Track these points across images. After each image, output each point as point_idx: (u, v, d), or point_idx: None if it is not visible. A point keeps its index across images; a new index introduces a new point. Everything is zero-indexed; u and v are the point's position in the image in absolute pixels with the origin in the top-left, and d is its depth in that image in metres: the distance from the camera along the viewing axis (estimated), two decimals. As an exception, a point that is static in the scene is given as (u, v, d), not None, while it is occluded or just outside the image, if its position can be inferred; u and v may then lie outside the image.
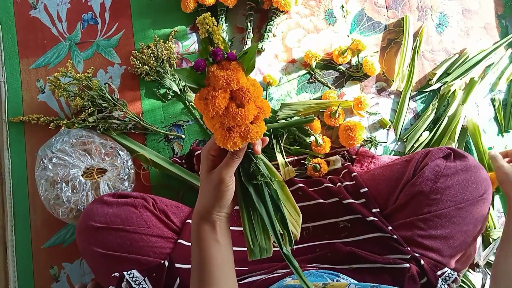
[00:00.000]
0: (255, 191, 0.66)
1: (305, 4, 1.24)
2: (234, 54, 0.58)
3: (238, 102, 0.60)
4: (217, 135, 0.61)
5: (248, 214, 0.67)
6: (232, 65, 0.58)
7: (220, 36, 0.57)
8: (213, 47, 0.58)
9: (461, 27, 1.24)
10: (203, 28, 0.56)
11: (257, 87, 0.61)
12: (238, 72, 0.58)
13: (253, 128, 0.60)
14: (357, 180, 0.99)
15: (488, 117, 1.19)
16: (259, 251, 0.66)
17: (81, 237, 0.88)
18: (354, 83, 1.20)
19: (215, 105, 0.57)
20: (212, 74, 0.57)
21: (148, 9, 1.23)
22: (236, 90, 0.58)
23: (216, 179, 0.63)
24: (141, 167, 1.13)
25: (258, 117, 0.62)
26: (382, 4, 1.24)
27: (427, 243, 0.84)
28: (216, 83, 0.57)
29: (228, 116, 0.59)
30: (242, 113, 0.59)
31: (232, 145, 0.59)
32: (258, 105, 0.61)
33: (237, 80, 0.57)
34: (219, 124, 0.60)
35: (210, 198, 0.65)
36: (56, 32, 1.23)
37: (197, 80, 0.60)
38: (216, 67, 0.58)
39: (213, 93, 0.57)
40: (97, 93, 1.11)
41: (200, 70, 0.58)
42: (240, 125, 0.59)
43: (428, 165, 0.88)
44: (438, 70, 1.18)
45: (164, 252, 0.87)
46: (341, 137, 1.12)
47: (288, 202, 0.71)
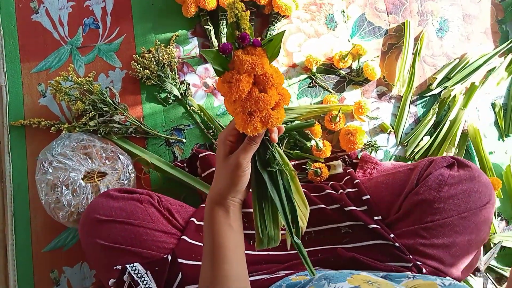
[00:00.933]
0: (269, 178, 0.67)
1: (306, 9, 1.24)
2: (259, 40, 0.59)
3: (261, 88, 0.60)
4: (237, 119, 0.61)
5: (259, 203, 0.68)
6: (258, 51, 0.59)
7: (247, 22, 0.58)
8: (240, 32, 0.58)
9: (461, 32, 1.24)
10: (232, 12, 0.57)
11: (279, 74, 0.62)
12: (263, 58, 0.59)
13: (274, 114, 0.61)
14: (360, 187, 0.99)
15: (489, 122, 1.19)
16: (267, 240, 0.68)
17: (84, 229, 0.88)
18: (354, 87, 1.20)
19: (239, 88, 0.58)
20: (238, 58, 0.58)
21: (150, 13, 1.24)
22: (260, 75, 0.59)
23: (234, 163, 0.64)
24: (141, 171, 1.13)
25: (279, 104, 0.63)
26: (383, 9, 1.25)
27: (429, 251, 0.84)
28: (241, 67, 0.58)
29: (250, 100, 0.59)
30: (264, 98, 0.59)
31: (252, 129, 0.60)
32: (280, 92, 0.62)
33: (262, 65, 0.58)
34: (241, 108, 0.60)
35: (226, 182, 0.66)
36: (58, 36, 1.23)
37: (222, 63, 0.60)
38: (242, 52, 0.59)
39: (238, 76, 0.58)
40: (98, 97, 1.11)
41: (226, 53, 0.58)
42: (262, 110, 0.60)
43: (431, 174, 0.87)
44: (438, 74, 1.18)
45: (168, 247, 0.87)
46: (342, 141, 1.12)
47: (298, 194, 0.72)
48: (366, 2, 1.25)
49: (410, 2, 1.25)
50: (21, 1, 1.25)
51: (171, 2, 1.21)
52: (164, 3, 1.24)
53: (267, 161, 0.68)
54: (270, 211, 0.68)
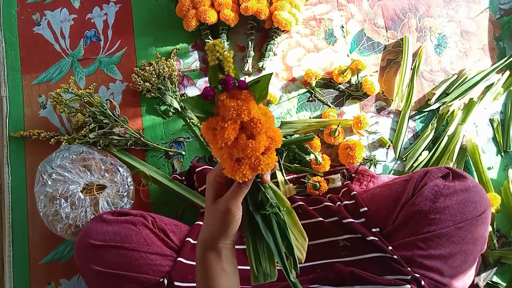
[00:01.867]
0: (262, 220, 0.64)
1: (305, 24, 1.26)
2: (245, 82, 0.55)
3: (249, 133, 0.56)
4: (225, 165, 0.58)
5: (253, 242, 0.65)
6: (243, 94, 0.54)
7: (231, 63, 0.53)
8: (223, 74, 0.53)
9: (459, 48, 1.25)
10: (213, 55, 0.52)
11: (269, 117, 0.58)
12: (249, 102, 0.54)
13: (263, 159, 0.57)
14: (357, 199, 0.99)
15: (487, 137, 1.19)
16: (263, 276, 0.65)
17: (79, 255, 0.87)
18: (353, 102, 1.21)
19: (224, 136, 0.54)
20: (222, 104, 0.53)
21: (151, 27, 1.25)
22: (247, 121, 0.55)
23: (223, 209, 0.61)
24: (140, 183, 1.13)
25: (269, 148, 0.58)
26: (382, 24, 1.26)
27: (427, 263, 0.84)
28: (225, 114, 0.53)
29: (237, 147, 0.55)
30: (252, 145, 0.55)
31: (241, 176, 0.56)
32: (270, 135, 0.58)
33: (248, 111, 0.53)
34: (228, 155, 0.57)
35: (216, 227, 0.63)
36: (59, 48, 1.24)
37: (205, 107, 0.56)
38: (226, 96, 0.53)
39: (222, 124, 0.54)
40: (98, 109, 1.11)
41: (209, 99, 0.54)
42: (250, 156, 0.56)
43: (427, 185, 0.88)
44: (437, 90, 1.19)
45: (163, 270, 0.86)
46: (341, 155, 1.12)
47: (295, 227, 0.69)
48: (365, 17, 1.26)
49: (409, 18, 1.27)
50: (23, 13, 1.26)
51: (172, 15, 1.22)
52: (165, 17, 1.25)
53: (259, 202, 0.64)
54: (264, 250, 0.65)
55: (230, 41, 1.24)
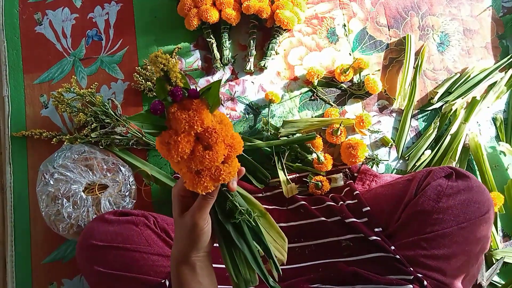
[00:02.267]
0: (234, 228, 0.62)
1: (307, 22, 1.25)
2: (195, 90, 0.52)
3: (205, 144, 0.54)
4: (185, 179, 0.56)
5: (229, 251, 0.63)
6: (195, 103, 0.51)
7: (177, 72, 0.50)
8: (171, 85, 0.50)
9: (462, 46, 1.25)
10: (157, 67, 0.49)
11: (225, 124, 0.55)
12: (201, 112, 0.51)
13: (224, 168, 0.55)
14: (359, 198, 0.99)
15: (490, 136, 1.19)
16: (244, 283, 0.63)
17: (81, 255, 0.87)
18: (356, 101, 1.20)
19: (178, 150, 0.51)
20: (173, 116, 0.51)
21: (152, 26, 1.24)
22: (201, 131, 0.53)
23: (190, 223, 0.59)
24: (142, 183, 1.13)
25: (229, 156, 0.56)
26: (384, 23, 1.26)
27: (430, 263, 0.84)
28: (178, 126, 0.51)
29: (195, 160, 0.53)
30: (210, 156, 0.53)
31: (203, 189, 0.54)
32: (228, 143, 0.55)
33: (201, 122, 0.51)
34: (186, 168, 0.54)
35: (185, 242, 0.62)
36: (61, 48, 1.24)
37: (156, 122, 0.53)
38: (177, 107, 0.51)
39: (175, 137, 0.51)
40: (100, 109, 1.11)
41: (158, 113, 0.51)
42: (210, 167, 0.54)
43: (430, 185, 0.87)
44: (439, 89, 1.19)
45: (165, 271, 0.86)
46: (343, 154, 1.12)
47: (272, 229, 0.68)
48: (367, 16, 1.26)
49: (411, 16, 1.26)
50: (25, 13, 1.26)
51: (174, 15, 1.22)
52: (167, 16, 1.25)
53: (228, 211, 0.62)
54: (241, 256, 0.63)
55: (232, 40, 1.23)
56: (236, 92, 1.20)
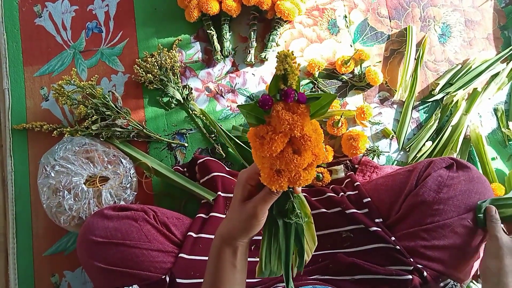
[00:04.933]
0: (283, 226, 0.64)
1: (308, 14, 1.25)
2: (304, 96, 0.52)
3: (295, 148, 0.54)
4: (263, 173, 0.56)
5: (269, 241, 0.65)
6: (301, 108, 0.52)
7: (297, 75, 0.51)
8: (286, 85, 0.51)
9: (464, 37, 1.24)
10: (281, 66, 0.50)
11: (318, 134, 0.55)
12: (304, 118, 0.52)
13: (304, 175, 0.55)
14: (360, 190, 0.99)
15: (491, 127, 1.19)
16: (269, 273, 0.65)
17: (82, 250, 0.87)
18: (357, 92, 1.20)
19: (271, 147, 0.52)
20: (277, 115, 0.51)
21: (152, 18, 1.24)
22: (298, 136, 0.53)
23: (250, 212, 0.60)
24: (143, 175, 1.13)
25: (311, 164, 0.57)
26: (385, 14, 1.25)
27: (430, 253, 0.84)
28: (278, 125, 0.52)
29: (281, 160, 0.54)
30: (297, 161, 0.53)
31: (278, 187, 0.55)
32: (315, 152, 0.56)
33: (301, 128, 0.52)
34: (269, 164, 0.55)
35: (239, 227, 0.63)
36: (61, 40, 1.23)
37: (258, 114, 0.54)
38: (283, 107, 0.51)
39: (273, 135, 0.52)
40: (101, 101, 1.11)
41: (266, 108, 0.52)
42: (291, 170, 0.55)
43: (430, 175, 0.87)
44: (441, 80, 1.18)
45: (165, 267, 0.86)
46: (344, 146, 1.12)
47: (309, 231, 0.69)
48: (369, 7, 1.25)
49: (413, 7, 1.25)
50: (25, 5, 1.26)
51: (174, 6, 1.22)
52: (167, 8, 1.24)
53: (285, 210, 0.63)
54: (277, 250, 0.65)
55: (232, 32, 1.23)
56: (236, 84, 1.20)
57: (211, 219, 0.97)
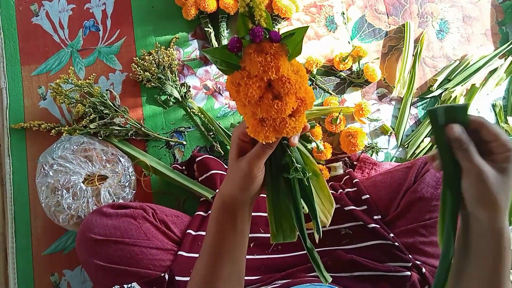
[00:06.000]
0: (285, 183, 0.61)
1: (306, 11, 1.24)
2: (277, 34, 0.48)
3: (276, 93, 0.51)
4: (248, 124, 0.54)
5: (274, 203, 0.62)
6: (274, 48, 0.48)
7: (263, 11, 0.47)
8: (253, 23, 0.47)
9: (461, 33, 1.24)
10: (243, 2, 0.46)
11: (301, 76, 0.52)
12: (279, 58, 0.48)
13: (290, 122, 0.52)
14: (359, 186, 0.99)
15: (490, 123, 1.19)
16: (282, 236, 0.62)
17: (80, 248, 0.87)
18: (355, 89, 1.20)
19: (247, 94, 0.49)
20: (249, 57, 0.48)
21: (150, 16, 1.24)
22: (275, 79, 0.50)
23: (244, 168, 0.58)
24: (142, 173, 1.13)
25: (298, 110, 0.53)
26: (383, 11, 1.25)
27: (428, 250, 0.84)
28: (252, 69, 0.48)
29: (261, 107, 0.50)
30: (278, 106, 0.50)
31: (263, 138, 0.52)
32: (300, 96, 0.52)
33: (276, 68, 0.48)
34: (251, 113, 0.52)
35: (236, 186, 0.61)
36: (58, 39, 1.23)
37: (230, 60, 0.51)
38: (255, 48, 0.48)
39: (247, 80, 0.49)
40: (99, 100, 1.11)
41: (235, 51, 0.48)
42: (275, 118, 0.51)
43: (429, 172, 0.88)
44: (439, 76, 1.18)
45: (164, 264, 0.86)
46: (343, 143, 1.12)
47: (322, 191, 0.66)
48: (366, 4, 1.25)
49: (410, 4, 1.25)
50: (22, 4, 1.25)
51: (171, 4, 1.21)
52: (164, 6, 1.24)
53: (284, 165, 0.60)
54: (286, 212, 0.62)
55: (230, 29, 1.23)
56: (234, 82, 1.20)
57: (210, 217, 0.97)
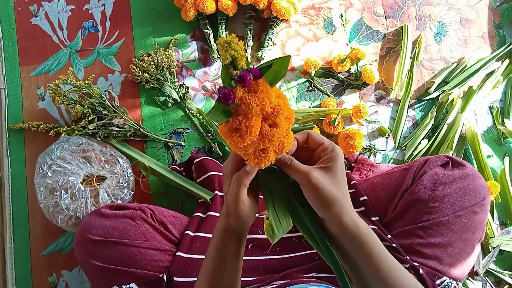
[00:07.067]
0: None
1: (304, 13, 1.25)
2: (257, 70, 0.49)
3: (270, 122, 0.52)
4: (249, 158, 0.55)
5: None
6: (260, 83, 0.49)
7: (245, 58, 0.47)
8: (237, 70, 0.48)
9: (459, 36, 1.25)
10: (227, 54, 0.46)
11: (282, 97, 0.53)
12: (268, 92, 0.49)
13: (286, 141, 0.54)
14: (357, 188, 0.99)
15: (487, 125, 1.19)
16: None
17: (79, 249, 0.87)
18: (353, 91, 1.20)
19: (251, 134, 0.50)
20: (242, 102, 0.48)
21: (149, 17, 1.24)
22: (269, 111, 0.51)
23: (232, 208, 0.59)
24: (140, 174, 1.13)
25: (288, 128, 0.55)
26: (381, 13, 1.25)
27: (426, 251, 0.84)
28: (248, 111, 0.49)
29: (263, 140, 0.52)
30: (278, 133, 0.52)
31: (266, 162, 0.54)
32: (287, 116, 0.54)
33: (270, 101, 0.49)
34: (254, 149, 0.53)
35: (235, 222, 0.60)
36: (57, 39, 1.23)
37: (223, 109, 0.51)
38: (243, 91, 0.48)
39: (247, 122, 0.50)
40: (97, 101, 1.11)
41: (230, 102, 0.48)
42: (275, 143, 0.53)
43: (426, 173, 0.88)
44: (436, 78, 1.19)
45: (163, 265, 0.86)
46: (341, 145, 1.12)
47: None
48: (365, 6, 1.26)
49: (408, 6, 1.26)
50: (21, 4, 1.25)
51: (170, 5, 1.22)
52: (163, 7, 1.24)
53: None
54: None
55: (229, 31, 1.23)
56: (233, 83, 1.20)
57: (209, 218, 0.97)
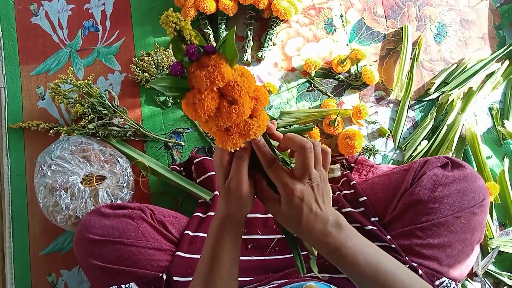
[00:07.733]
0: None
1: (304, 13, 1.25)
2: (211, 46, 0.51)
3: (230, 99, 0.53)
4: (215, 136, 0.56)
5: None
6: (212, 59, 0.50)
7: (190, 30, 0.49)
8: (186, 44, 0.50)
9: (459, 37, 1.25)
10: (170, 27, 0.48)
11: (246, 76, 0.54)
12: (220, 66, 0.50)
13: (253, 122, 0.54)
14: (356, 188, 0.99)
15: (486, 126, 1.19)
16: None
17: (78, 248, 0.88)
18: (353, 91, 1.20)
19: (204, 108, 0.51)
20: (193, 76, 0.50)
21: (149, 16, 1.24)
22: (224, 86, 0.52)
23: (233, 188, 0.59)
24: (140, 174, 1.13)
25: (256, 109, 0.55)
26: (381, 14, 1.25)
27: (425, 252, 0.84)
28: (199, 85, 0.50)
29: (222, 116, 0.52)
30: (236, 110, 0.52)
31: (232, 145, 0.54)
32: (253, 95, 0.55)
33: (221, 76, 0.50)
34: (216, 127, 0.54)
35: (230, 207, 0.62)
36: (57, 39, 1.23)
37: (179, 84, 0.53)
38: (196, 66, 0.50)
39: (199, 96, 0.51)
40: (97, 100, 1.11)
41: (179, 75, 0.51)
42: (238, 123, 0.54)
43: (426, 174, 0.88)
44: (436, 79, 1.19)
45: (162, 265, 0.86)
46: (340, 145, 1.12)
47: None
48: (365, 7, 1.26)
49: (409, 7, 1.26)
50: (21, 4, 1.25)
51: (171, 5, 1.22)
52: (163, 7, 1.24)
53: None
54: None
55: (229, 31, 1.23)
56: (233, 83, 1.20)
57: (208, 218, 0.97)
